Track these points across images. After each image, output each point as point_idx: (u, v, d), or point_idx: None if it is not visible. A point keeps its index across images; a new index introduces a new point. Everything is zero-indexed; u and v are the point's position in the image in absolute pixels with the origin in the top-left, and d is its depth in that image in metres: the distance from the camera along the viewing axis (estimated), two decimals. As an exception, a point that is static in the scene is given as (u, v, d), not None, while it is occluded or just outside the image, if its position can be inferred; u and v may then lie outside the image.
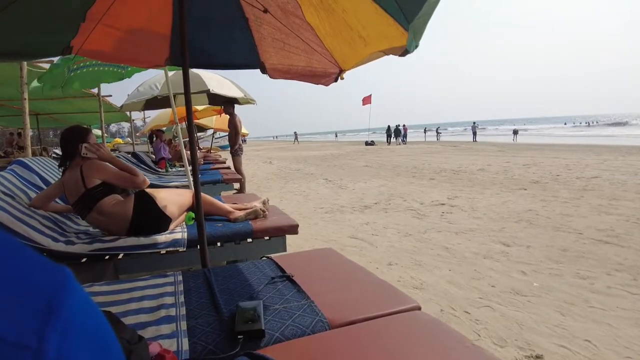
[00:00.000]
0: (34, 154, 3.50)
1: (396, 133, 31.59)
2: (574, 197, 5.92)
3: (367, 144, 30.55)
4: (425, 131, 40.63)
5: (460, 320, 2.36)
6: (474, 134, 30.57)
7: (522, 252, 3.53)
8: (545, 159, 12.36)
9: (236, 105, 6.56)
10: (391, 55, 1.82)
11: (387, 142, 31.25)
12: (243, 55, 2.49)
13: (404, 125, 31.72)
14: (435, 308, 2.51)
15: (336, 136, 78.40)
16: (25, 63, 3.63)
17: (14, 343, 0.19)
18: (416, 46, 1.54)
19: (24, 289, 0.22)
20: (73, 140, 2.35)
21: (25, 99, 3.55)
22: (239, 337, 1.16)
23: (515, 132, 29.89)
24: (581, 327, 2.23)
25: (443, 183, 8.01)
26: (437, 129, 38.84)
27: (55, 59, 3.86)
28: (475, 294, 2.70)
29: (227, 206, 2.67)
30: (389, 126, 32.06)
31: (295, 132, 51.88)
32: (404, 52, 1.61)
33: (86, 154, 2.33)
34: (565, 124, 69.34)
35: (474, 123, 32.08)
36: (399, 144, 29.85)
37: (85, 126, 2.45)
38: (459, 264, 3.28)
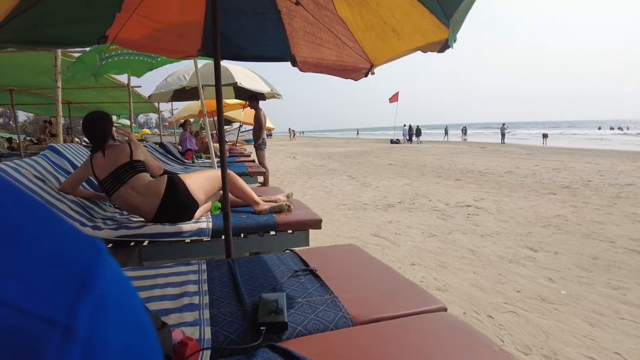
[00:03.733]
0: (65, 142, 3.59)
1: (417, 133, 31.87)
2: (606, 204, 5.72)
3: (392, 142, 30.41)
4: (463, 131, 39.61)
5: (483, 325, 2.30)
6: (503, 135, 30.00)
7: (549, 258, 3.42)
8: (576, 163, 12.00)
9: (262, 100, 6.60)
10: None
11: (409, 141, 31.08)
12: (274, 47, 2.49)
13: (410, 125, 32.28)
14: (458, 311, 2.46)
15: (357, 133, 78.68)
16: (59, 53, 3.72)
17: (41, 317, 0.17)
18: (454, 40, 1.48)
19: (56, 259, 0.20)
20: (102, 124, 2.46)
21: (58, 87, 3.64)
22: (262, 328, 1.15)
23: (545, 136, 29.15)
24: (611, 339, 2.15)
25: (469, 184, 7.87)
26: (463, 129, 38.28)
27: (88, 48, 3.95)
28: (500, 298, 2.64)
29: (256, 196, 2.68)
30: (410, 126, 31.94)
31: (289, 128, 53.61)
32: (442, 47, 1.55)
33: (118, 138, 2.44)
34: (599, 128, 66.91)
35: (503, 124, 31.47)
36: (420, 143, 30.15)
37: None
38: (484, 267, 3.21)
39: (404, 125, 32.46)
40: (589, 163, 12.03)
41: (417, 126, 32.49)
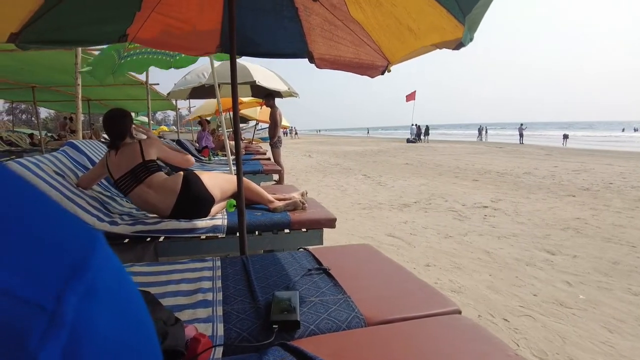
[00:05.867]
0: (84, 138, 3.66)
1: (425, 132, 32.16)
2: (628, 207, 5.59)
3: (408, 141, 30.29)
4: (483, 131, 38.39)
5: (498, 328, 2.27)
6: (521, 135, 29.53)
7: (567, 261, 3.36)
8: (597, 165, 11.74)
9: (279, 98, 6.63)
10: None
11: (418, 140, 30.96)
12: (291, 44, 2.49)
13: (419, 125, 32.42)
14: (473, 313, 2.43)
15: (368, 132, 78.37)
16: (80, 51, 3.78)
17: (29, 301, 0.18)
18: (471, 39, 1.47)
19: (51, 246, 0.20)
20: (125, 122, 2.47)
21: (78, 84, 3.71)
22: (274, 326, 1.15)
23: (566, 137, 28.56)
24: (630, 347, 2.09)
25: (487, 185, 7.77)
26: (480, 128, 37.58)
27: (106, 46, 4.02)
28: (516, 301, 2.60)
29: (269, 195, 2.69)
30: (419, 126, 31.87)
31: (292, 127, 52.80)
32: (458, 45, 1.54)
33: (136, 135, 2.43)
34: (623, 130, 64.90)
35: (521, 125, 30.98)
36: (427, 142, 30.29)
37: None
38: (500, 269, 3.16)
39: (412, 125, 32.47)
40: (611, 165, 11.76)
41: (426, 126, 32.73)
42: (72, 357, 0.18)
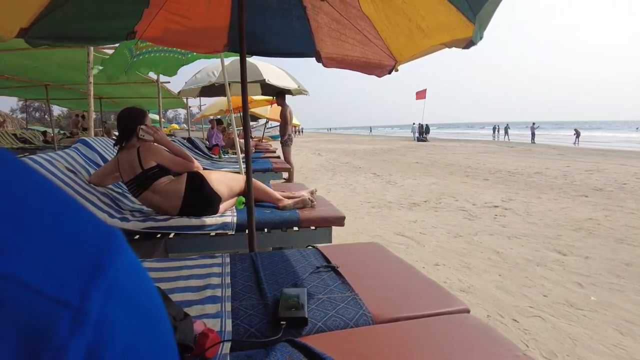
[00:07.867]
0: (96, 136, 3.70)
1: (426, 131, 32.13)
2: (642, 208, 5.50)
3: (418, 139, 30.16)
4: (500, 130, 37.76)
5: (507, 328, 2.25)
6: (533, 135, 29.19)
7: (579, 262, 3.32)
8: (610, 165, 11.56)
9: (288, 96, 6.65)
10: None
11: (419, 139, 30.89)
12: (299, 43, 2.49)
13: (420, 124, 32.37)
14: (482, 313, 2.42)
15: (370, 131, 78.46)
16: (92, 48, 3.82)
17: (54, 298, 0.18)
18: (481, 37, 1.46)
19: (72, 243, 0.20)
20: (131, 122, 2.43)
21: (90, 82, 3.75)
22: (282, 323, 1.15)
23: (577, 134, 28.08)
24: (642, 349, 2.07)
25: (498, 184, 7.70)
26: (506, 127, 37.00)
27: (117, 44, 4.05)
28: (526, 302, 2.57)
29: (277, 194, 2.70)
30: (420, 124, 31.80)
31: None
32: (468, 44, 1.53)
33: (143, 136, 2.41)
34: (637, 129, 63.61)
35: (533, 124, 30.63)
36: (427, 140, 30.21)
37: (142, 108, 2.55)
38: (510, 269, 3.14)
39: (414, 124, 32.59)
40: (624, 165, 11.57)
41: (426, 125, 32.69)
42: (95, 354, 0.18)
